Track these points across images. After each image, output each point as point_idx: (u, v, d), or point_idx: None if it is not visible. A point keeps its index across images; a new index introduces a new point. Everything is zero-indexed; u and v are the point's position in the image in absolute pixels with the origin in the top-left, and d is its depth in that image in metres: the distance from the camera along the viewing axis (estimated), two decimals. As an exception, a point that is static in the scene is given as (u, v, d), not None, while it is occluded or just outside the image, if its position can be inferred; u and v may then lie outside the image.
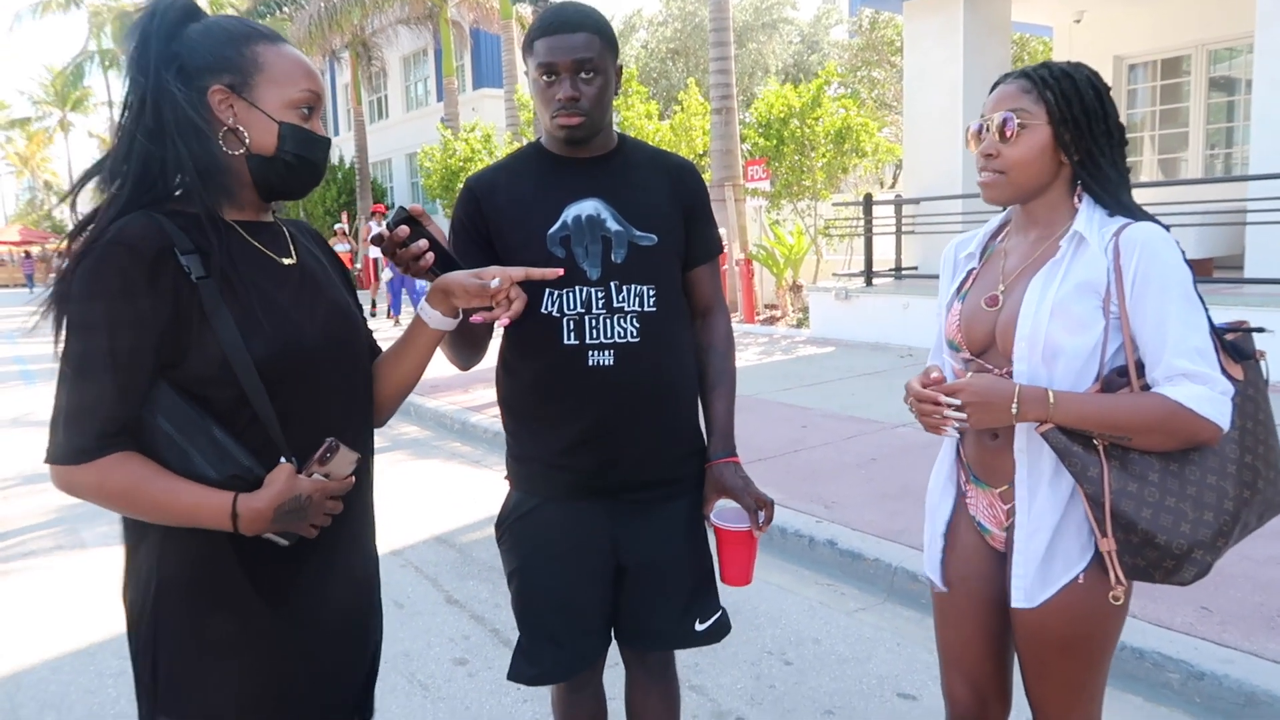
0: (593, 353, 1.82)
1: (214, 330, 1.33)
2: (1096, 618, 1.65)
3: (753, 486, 1.94)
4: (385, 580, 4.44)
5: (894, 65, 22.28)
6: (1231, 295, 7.76)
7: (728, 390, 2.01)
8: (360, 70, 25.57)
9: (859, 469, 5.30)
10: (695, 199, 1.98)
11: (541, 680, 1.99)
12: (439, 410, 7.86)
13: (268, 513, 1.32)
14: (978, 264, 1.80)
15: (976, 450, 1.77)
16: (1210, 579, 3.49)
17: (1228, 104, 11.55)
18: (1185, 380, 1.51)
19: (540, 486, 1.94)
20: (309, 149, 1.45)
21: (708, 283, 2.02)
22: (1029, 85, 1.62)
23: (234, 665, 1.41)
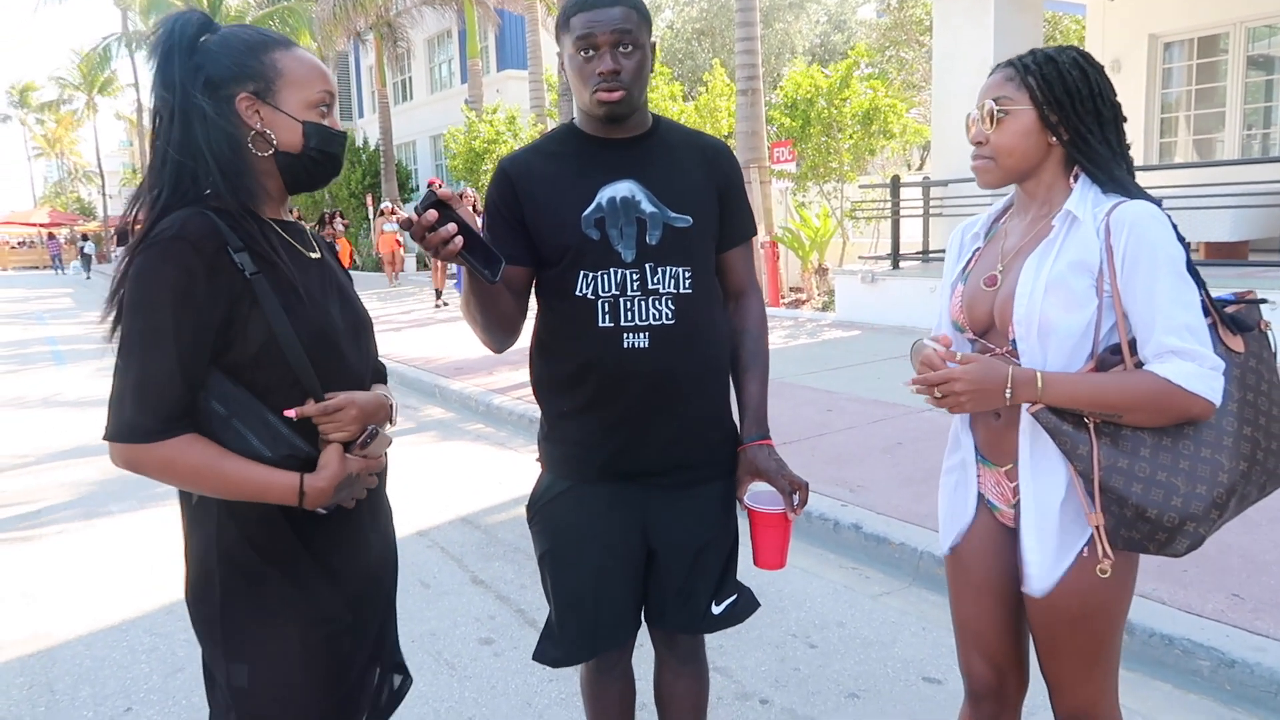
0: (628, 335, 1.82)
1: (266, 320, 1.46)
2: (1104, 592, 1.68)
3: (787, 469, 1.92)
4: (412, 560, 4.50)
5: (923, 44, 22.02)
6: (1268, 278, 7.63)
7: (761, 373, 2.00)
8: (385, 52, 25.60)
9: (884, 453, 5.28)
10: (729, 180, 1.96)
11: (565, 661, 2.00)
12: (464, 392, 7.90)
13: (329, 490, 1.48)
14: (982, 244, 1.83)
15: (983, 430, 1.80)
16: (1242, 566, 3.46)
17: (1266, 83, 11.31)
18: (1174, 357, 1.54)
19: (573, 469, 1.94)
20: (331, 143, 1.58)
21: (741, 265, 2.01)
22: (1012, 73, 1.68)
23: (291, 616, 1.55)
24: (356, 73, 34.92)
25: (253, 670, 1.53)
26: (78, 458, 6.45)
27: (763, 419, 1.98)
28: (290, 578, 1.55)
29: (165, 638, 3.56)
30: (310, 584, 1.57)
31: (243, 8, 27.72)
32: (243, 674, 1.53)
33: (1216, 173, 9.47)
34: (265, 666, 1.54)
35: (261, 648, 1.54)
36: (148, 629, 3.64)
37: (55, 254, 42.30)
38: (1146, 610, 3.16)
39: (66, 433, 7.28)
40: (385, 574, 1.77)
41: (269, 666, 1.54)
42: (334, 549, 1.60)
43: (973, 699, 1.93)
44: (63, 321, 17.22)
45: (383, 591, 1.75)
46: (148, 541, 4.65)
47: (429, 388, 8.46)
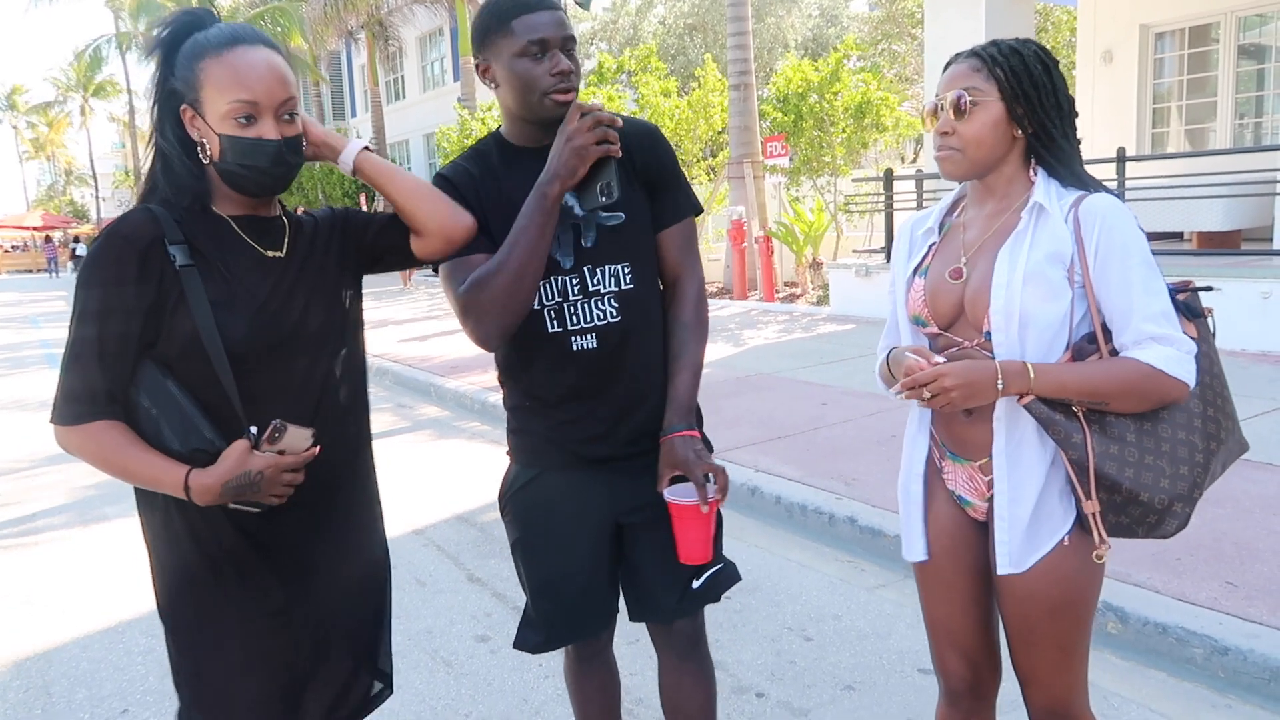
0: (575, 338, 1.85)
1: (190, 312, 1.48)
2: (1082, 579, 1.71)
3: (706, 458, 1.84)
4: (408, 559, 4.51)
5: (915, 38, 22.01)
6: (1260, 267, 7.65)
7: (690, 363, 1.93)
8: (377, 50, 25.55)
9: (879, 446, 5.28)
10: (652, 164, 1.92)
11: (544, 647, 2.01)
12: (459, 390, 7.90)
13: (216, 487, 1.47)
14: (938, 238, 1.83)
15: (951, 427, 1.80)
16: (1236, 554, 3.47)
17: (1258, 72, 11.31)
18: (1153, 343, 1.58)
19: (538, 458, 1.97)
20: (249, 155, 1.52)
21: (673, 248, 1.96)
22: (979, 64, 1.68)
23: (232, 611, 1.59)
24: (349, 72, 34.84)
25: (195, 661, 1.60)
26: (73, 461, 6.41)
27: (686, 410, 1.90)
28: (236, 577, 1.58)
29: (161, 639, 3.50)
30: (258, 583, 1.60)
31: (234, 7, 27.63)
32: (189, 666, 1.61)
33: (1209, 162, 9.47)
34: (208, 662, 1.59)
35: (203, 640, 1.59)
36: (144, 631, 3.64)
37: (51, 257, 42.21)
38: (1141, 599, 3.17)
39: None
40: (363, 581, 1.77)
41: (212, 662, 1.59)
42: (290, 547, 1.62)
43: (950, 697, 1.94)
44: (56, 325, 17.18)
45: (361, 596, 1.77)
46: (143, 544, 4.64)
47: (424, 386, 8.46)
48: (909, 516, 1.90)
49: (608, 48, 31.91)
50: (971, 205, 1.81)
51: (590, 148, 1.69)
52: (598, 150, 1.70)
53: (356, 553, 1.75)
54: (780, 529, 4.39)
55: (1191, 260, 8.50)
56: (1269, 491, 4.05)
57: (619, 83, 16.84)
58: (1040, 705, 1.79)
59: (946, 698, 1.95)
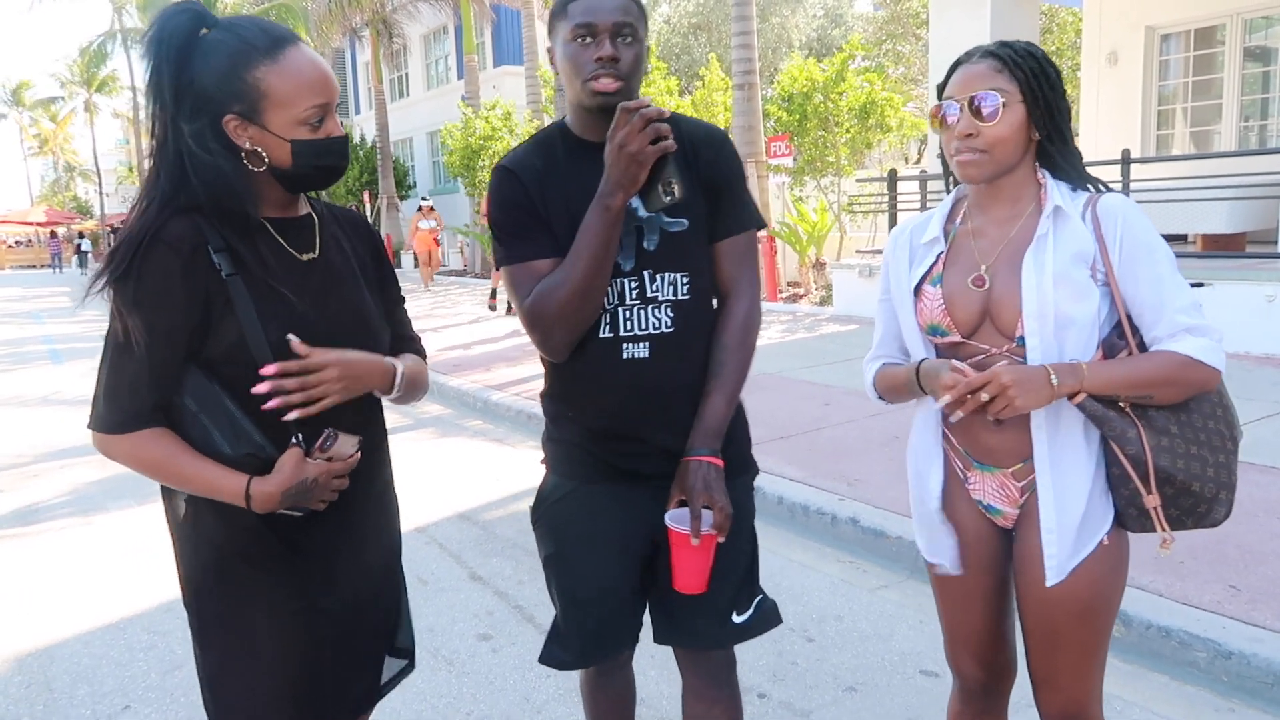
0: (627, 345, 1.77)
1: (238, 319, 1.48)
2: (1112, 581, 1.72)
3: (714, 489, 1.74)
4: (410, 557, 4.50)
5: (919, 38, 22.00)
6: (1265, 270, 7.63)
7: (727, 384, 1.81)
8: (381, 48, 25.54)
9: (882, 447, 5.28)
10: (716, 171, 1.83)
11: (574, 664, 1.96)
12: (461, 389, 7.90)
13: (277, 495, 1.49)
14: (944, 246, 1.80)
15: (976, 436, 1.76)
16: (1239, 557, 3.46)
17: (1263, 74, 11.30)
18: (1187, 334, 1.61)
19: (577, 470, 1.89)
20: (324, 157, 1.55)
21: (729, 261, 1.85)
22: (999, 64, 1.66)
23: (261, 609, 1.59)
24: (353, 69, 34.82)
25: (221, 659, 1.60)
26: (75, 456, 6.44)
27: (714, 434, 1.79)
28: (262, 572, 1.58)
29: (163, 635, 3.56)
30: (285, 580, 1.60)
31: (238, 4, 27.64)
32: (213, 662, 1.60)
33: (1214, 165, 9.47)
34: (232, 656, 1.59)
35: (230, 640, 1.59)
36: (146, 627, 3.64)
37: (56, 253, 42.25)
38: (1144, 602, 3.16)
39: (64, 431, 7.27)
40: (383, 568, 1.78)
41: (236, 658, 1.59)
42: (317, 544, 1.63)
43: (965, 695, 1.94)
44: (60, 320, 17.20)
45: (379, 585, 1.77)
46: (146, 539, 4.65)
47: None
48: (934, 529, 1.86)
49: (612, 47, 31.77)
50: (977, 211, 1.78)
51: (646, 151, 1.59)
52: (654, 151, 1.60)
53: (377, 541, 1.75)
54: (782, 529, 4.39)
55: (1196, 263, 8.48)
56: (1273, 495, 4.03)
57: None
58: (1055, 708, 1.77)
59: (961, 695, 1.95)
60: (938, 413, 1.79)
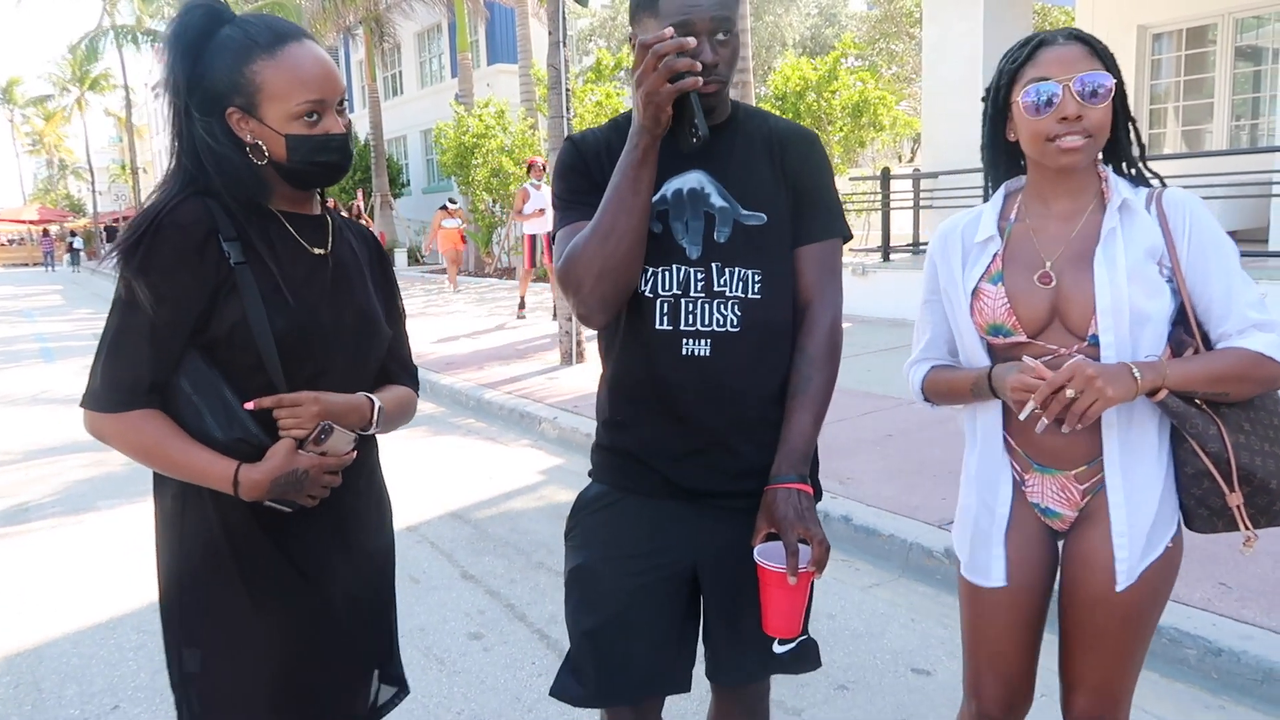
0: (687, 340, 1.64)
1: (243, 306, 1.48)
2: (1167, 584, 1.70)
3: (809, 521, 1.59)
4: (402, 556, 4.48)
5: (913, 37, 22.02)
6: (1256, 269, 7.66)
7: (814, 402, 1.67)
8: (374, 46, 25.49)
9: (875, 445, 5.28)
10: (803, 171, 1.72)
11: (589, 702, 1.75)
12: (454, 387, 7.89)
13: (264, 483, 1.48)
14: (1000, 245, 1.73)
15: (1038, 437, 1.67)
16: (1230, 555, 3.47)
17: (1254, 74, 11.34)
18: (1255, 330, 1.59)
19: (623, 478, 1.75)
20: (318, 153, 1.54)
21: (812, 268, 1.71)
22: (1090, 50, 1.60)
23: (249, 608, 1.56)
24: (346, 67, 34.65)
25: (205, 656, 1.57)
26: (66, 454, 6.42)
27: (802, 457, 1.64)
28: (252, 570, 1.56)
29: (153, 635, 3.54)
30: (273, 577, 1.58)
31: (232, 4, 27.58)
32: (195, 659, 1.57)
33: (1205, 164, 9.49)
34: (217, 654, 1.57)
35: (216, 635, 1.57)
36: (135, 626, 3.62)
37: (48, 251, 42.11)
38: (1134, 600, 3.17)
39: (55, 429, 7.24)
40: (374, 574, 1.76)
41: (221, 655, 1.57)
42: (307, 544, 1.61)
43: (983, 718, 1.87)
44: (52, 318, 17.14)
45: (370, 596, 1.75)
46: (136, 538, 4.63)
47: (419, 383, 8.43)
48: (989, 539, 1.78)
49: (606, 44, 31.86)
50: (1036, 205, 1.71)
51: (662, 89, 1.43)
52: (670, 90, 1.44)
53: (368, 547, 1.74)
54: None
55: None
56: (1263, 493, 4.04)
57: (617, 79, 16.82)
58: (1085, 713, 1.74)
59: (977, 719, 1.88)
60: (1000, 416, 1.73)
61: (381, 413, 1.66)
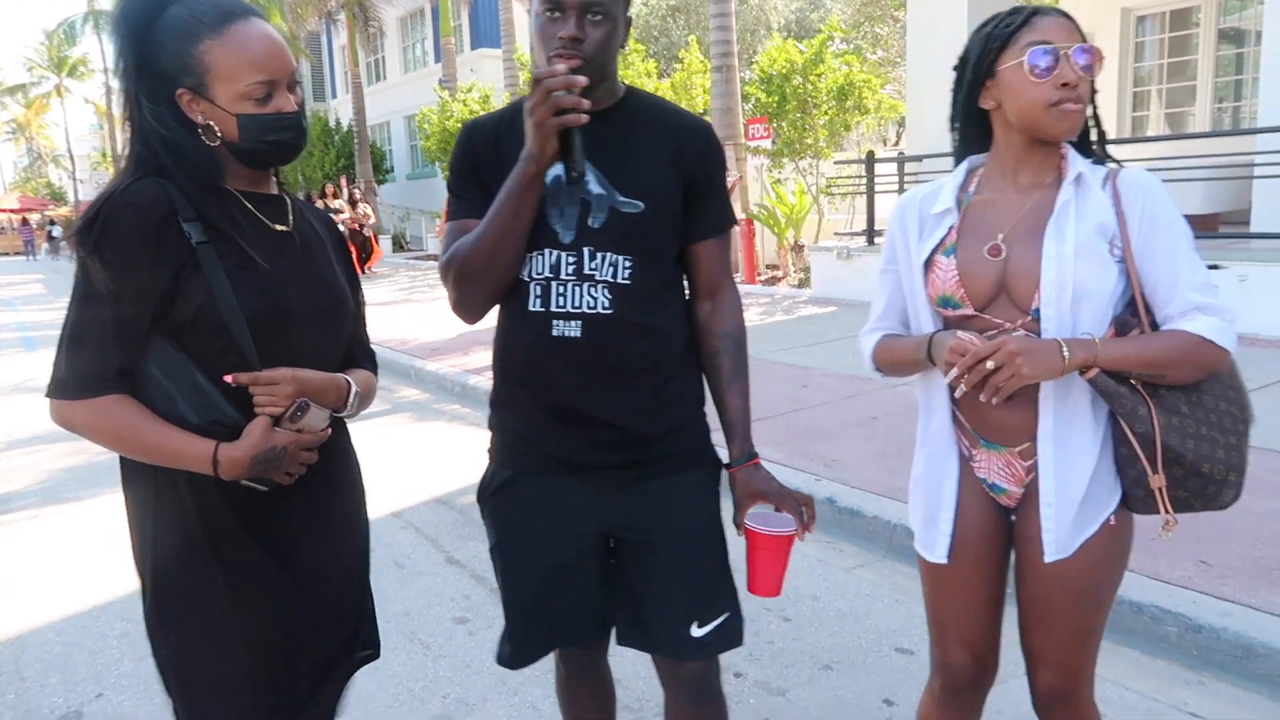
0: (557, 322, 1.70)
1: (209, 287, 1.45)
2: (1116, 561, 1.70)
3: (786, 487, 1.81)
4: (386, 541, 4.48)
5: (897, 20, 21.99)
6: (1238, 250, 7.70)
7: (744, 384, 1.83)
8: (357, 31, 25.29)
9: (859, 427, 5.30)
10: (701, 166, 1.78)
11: (516, 661, 1.89)
12: (439, 373, 7.86)
13: (245, 461, 1.46)
14: (957, 217, 1.73)
15: (985, 413, 1.71)
16: (1210, 533, 3.50)
17: (1237, 56, 11.39)
18: (1198, 313, 1.58)
19: (516, 458, 1.84)
20: (271, 132, 1.53)
21: (714, 260, 1.82)
22: (1071, 24, 1.60)
23: (225, 591, 1.55)
24: (329, 53, 34.45)
25: (183, 641, 1.57)
26: (48, 443, 6.37)
27: (748, 436, 1.83)
28: (228, 554, 1.55)
29: (136, 623, 3.48)
30: (249, 561, 1.57)
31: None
32: (175, 645, 1.57)
33: (1188, 146, 9.52)
34: (196, 639, 1.56)
35: (194, 621, 1.56)
36: (119, 614, 3.61)
37: (28, 239, 41.71)
38: (1116, 578, 3.19)
39: (37, 419, 7.18)
40: (349, 556, 1.76)
41: (199, 639, 1.56)
42: (283, 526, 1.60)
43: (948, 690, 1.89)
44: (34, 307, 16.98)
45: (346, 574, 1.75)
46: (117, 526, 4.59)
47: (404, 369, 8.41)
48: (937, 515, 1.80)
49: (590, 29, 31.54)
50: (995, 180, 1.72)
51: (547, 121, 1.52)
52: (555, 123, 1.53)
53: (344, 527, 1.74)
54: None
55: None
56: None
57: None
58: (1049, 685, 1.76)
59: (944, 691, 1.90)
60: (947, 390, 1.74)
61: (357, 395, 1.65)
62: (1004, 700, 2.63)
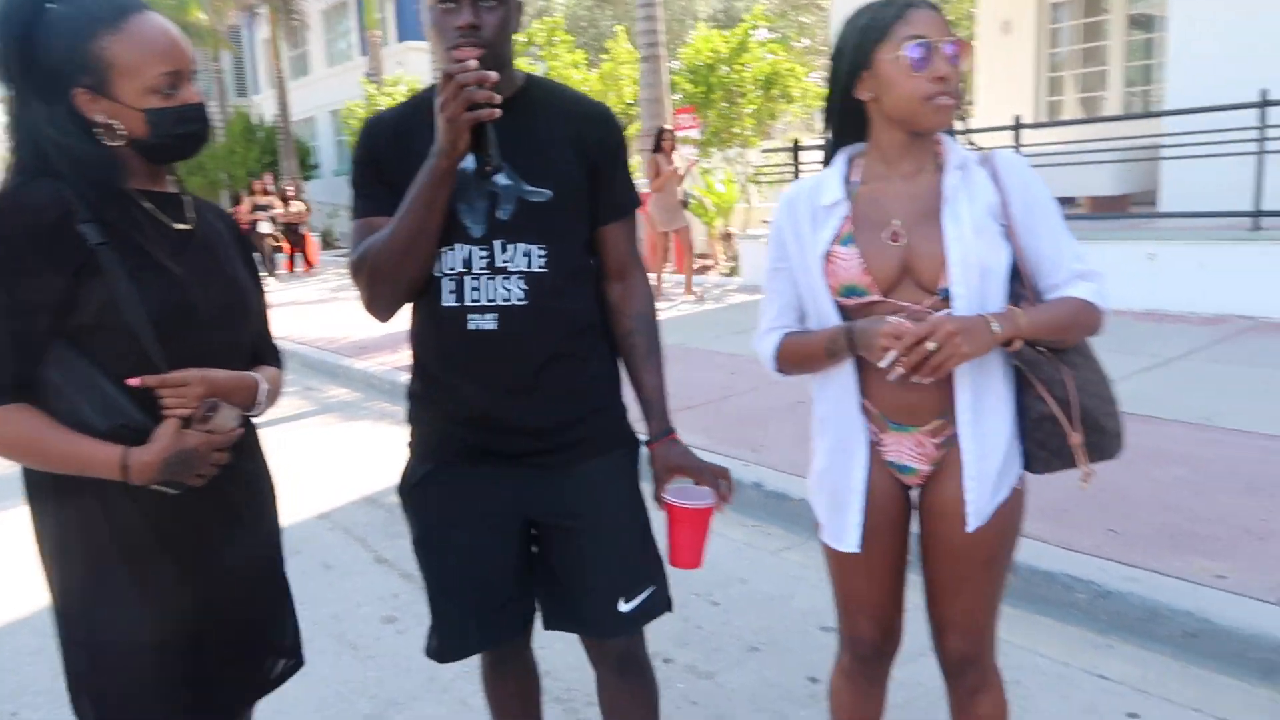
0: (473, 316, 1.70)
1: (110, 289, 1.41)
2: (1016, 525, 1.79)
3: (703, 460, 1.86)
4: (313, 543, 4.40)
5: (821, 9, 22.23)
6: (1147, 230, 7.97)
7: (658, 362, 1.88)
8: (279, 25, 24.71)
9: (786, 411, 5.37)
10: (604, 150, 1.80)
11: (446, 655, 1.91)
12: (367, 371, 7.76)
13: (156, 464, 1.42)
14: (848, 208, 1.75)
15: (894, 396, 1.73)
16: (1118, 503, 3.63)
17: (1146, 41, 11.74)
18: (1079, 280, 1.69)
19: (435, 451, 1.85)
20: (181, 124, 1.51)
21: (622, 242, 1.85)
22: (938, 15, 1.64)
23: (134, 601, 1.53)
24: (251, 47, 33.62)
25: (95, 656, 1.53)
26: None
27: (665, 413, 1.87)
28: (140, 564, 1.52)
29: (51, 638, 3.40)
30: (162, 569, 1.54)
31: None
32: (87, 660, 1.54)
33: (1100, 129, 9.81)
34: (108, 652, 1.53)
35: (106, 634, 1.53)
36: (34, 630, 3.50)
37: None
38: (1030, 549, 3.29)
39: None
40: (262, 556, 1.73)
41: (112, 652, 1.53)
42: (194, 532, 1.58)
43: (857, 661, 1.94)
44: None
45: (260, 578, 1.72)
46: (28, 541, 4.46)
47: (332, 368, 8.28)
48: (846, 505, 1.81)
49: (518, 20, 31.31)
50: (878, 168, 1.75)
51: (460, 117, 1.51)
52: (468, 117, 1.51)
53: (255, 534, 1.71)
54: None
55: (1084, 224, 8.82)
56: (1149, 443, 4.24)
57: (528, 55, 16.64)
58: (956, 652, 1.82)
59: (853, 662, 1.94)
60: (855, 379, 1.76)
61: (265, 393, 1.63)
62: (924, 673, 2.71)
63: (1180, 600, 2.92)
